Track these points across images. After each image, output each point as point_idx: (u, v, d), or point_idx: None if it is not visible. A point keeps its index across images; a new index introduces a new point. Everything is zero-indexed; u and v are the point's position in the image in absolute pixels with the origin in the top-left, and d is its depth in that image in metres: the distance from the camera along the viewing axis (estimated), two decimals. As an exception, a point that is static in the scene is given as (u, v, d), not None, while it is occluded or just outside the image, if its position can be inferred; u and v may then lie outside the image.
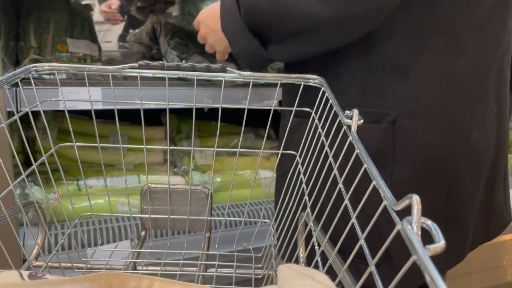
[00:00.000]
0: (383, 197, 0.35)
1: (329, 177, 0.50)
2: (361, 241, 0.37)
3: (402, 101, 0.63)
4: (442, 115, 0.64)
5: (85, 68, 0.63)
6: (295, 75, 0.63)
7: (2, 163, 0.49)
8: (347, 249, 0.44)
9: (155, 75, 0.63)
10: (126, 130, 1.37)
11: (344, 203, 0.43)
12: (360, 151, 0.42)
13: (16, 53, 1.12)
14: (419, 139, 0.64)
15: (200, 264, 0.69)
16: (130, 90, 1.04)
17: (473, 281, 1.65)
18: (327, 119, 0.58)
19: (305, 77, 0.63)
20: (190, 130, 1.46)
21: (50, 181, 1.16)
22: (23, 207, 0.56)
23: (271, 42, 0.68)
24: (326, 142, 0.56)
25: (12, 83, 0.55)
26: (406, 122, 0.63)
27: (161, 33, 1.44)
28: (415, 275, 0.38)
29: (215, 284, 0.63)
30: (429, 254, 0.26)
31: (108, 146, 1.16)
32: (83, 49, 1.13)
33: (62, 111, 1.08)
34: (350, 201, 0.43)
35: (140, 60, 0.62)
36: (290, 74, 0.64)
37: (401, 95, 0.63)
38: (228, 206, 1.12)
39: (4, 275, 0.31)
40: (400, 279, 0.29)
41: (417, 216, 0.28)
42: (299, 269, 0.35)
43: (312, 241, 0.53)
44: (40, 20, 1.16)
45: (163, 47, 1.38)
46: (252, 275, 0.69)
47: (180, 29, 1.42)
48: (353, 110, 0.49)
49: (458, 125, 0.65)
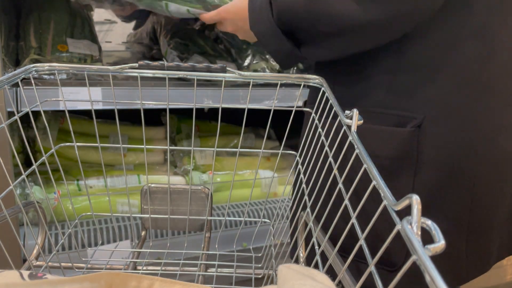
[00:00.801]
0: (383, 197, 0.35)
1: (329, 177, 0.51)
2: (361, 241, 0.37)
3: (429, 104, 0.62)
4: (469, 119, 0.62)
5: (85, 68, 0.63)
6: (295, 75, 0.63)
7: (2, 163, 0.49)
8: (347, 249, 0.44)
9: (155, 75, 0.63)
10: (126, 130, 1.37)
11: (344, 203, 0.43)
12: (360, 151, 0.42)
13: (16, 53, 1.12)
14: (444, 144, 0.62)
15: (200, 264, 0.69)
16: (130, 90, 1.04)
17: (473, 281, 1.65)
18: (328, 119, 0.58)
19: (305, 77, 0.63)
20: (190, 130, 1.46)
21: (50, 181, 1.16)
22: (23, 207, 0.56)
23: (303, 43, 0.66)
24: (326, 142, 0.56)
25: (12, 83, 0.55)
26: (432, 126, 0.62)
27: (161, 33, 1.44)
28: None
29: (215, 284, 0.63)
30: (429, 254, 0.26)
31: (108, 146, 1.16)
32: (83, 49, 1.13)
33: (62, 111, 1.08)
34: (350, 201, 0.43)
35: (140, 60, 0.62)
36: (290, 74, 0.64)
37: (428, 98, 0.62)
38: (228, 206, 1.12)
39: (5, 275, 0.31)
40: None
41: (417, 216, 0.28)
42: (299, 269, 0.35)
43: (312, 241, 0.53)
44: (40, 20, 1.16)
45: (163, 47, 1.38)
46: (252, 275, 0.69)
47: (180, 29, 1.42)
48: (353, 110, 0.49)
49: (485, 130, 0.63)
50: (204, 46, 1.42)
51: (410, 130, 0.61)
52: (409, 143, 0.62)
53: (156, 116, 1.46)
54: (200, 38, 1.49)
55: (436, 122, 0.62)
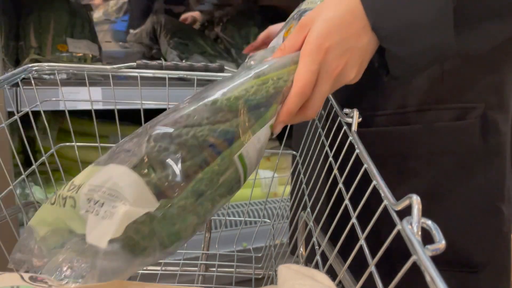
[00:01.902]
0: (383, 197, 0.35)
1: (329, 177, 0.50)
2: (361, 241, 0.37)
3: (487, 93, 0.58)
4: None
5: (85, 68, 0.63)
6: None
7: (2, 163, 0.49)
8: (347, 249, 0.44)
9: (155, 75, 0.63)
10: (126, 130, 1.36)
11: (344, 203, 0.43)
12: (360, 151, 0.42)
13: (16, 53, 1.12)
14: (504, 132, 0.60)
15: (200, 264, 0.69)
16: (130, 90, 1.04)
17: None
18: (328, 119, 0.58)
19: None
20: (190, 130, 1.46)
21: (50, 181, 1.16)
22: (23, 207, 0.56)
23: (463, 28, 0.47)
24: (326, 142, 0.56)
25: (12, 83, 0.55)
26: (491, 115, 0.59)
27: (161, 33, 1.44)
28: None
29: (215, 284, 0.63)
30: (429, 254, 0.26)
31: (108, 146, 1.15)
32: (83, 49, 1.13)
33: (62, 111, 1.08)
34: (350, 201, 0.43)
35: (139, 60, 0.62)
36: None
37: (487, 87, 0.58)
38: (228, 206, 1.12)
39: (5, 277, 0.31)
40: None
41: (417, 216, 0.28)
42: (299, 269, 0.35)
43: (312, 241, 0.53)
44: (40, 20, 1.16)
45: (163, 47, 1.38)
46: (252, 275, 0.69)
47: (180, 29, 1.42)
48: (353, 110, 0.48)
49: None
50: (204, 46, 1.42)
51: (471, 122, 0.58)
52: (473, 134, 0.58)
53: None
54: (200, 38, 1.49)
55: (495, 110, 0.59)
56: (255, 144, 0.42)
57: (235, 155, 0.40)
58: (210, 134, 0.39)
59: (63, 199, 0.36)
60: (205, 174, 0.38)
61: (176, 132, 0.38)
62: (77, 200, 0.35)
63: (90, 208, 0.34)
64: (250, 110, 0.42)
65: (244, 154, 0.41)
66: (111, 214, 0.33)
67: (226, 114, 0.40)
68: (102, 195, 0.34)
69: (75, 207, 0.35)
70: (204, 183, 0.38)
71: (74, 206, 0.35)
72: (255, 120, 0.42)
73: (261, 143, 0.43)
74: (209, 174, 0.38)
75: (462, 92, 0.58)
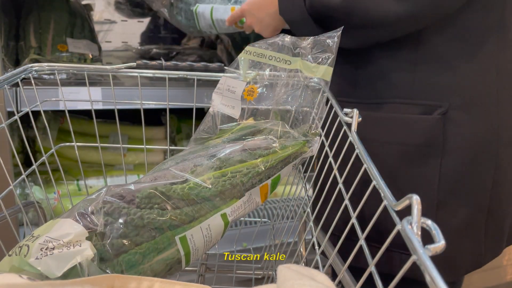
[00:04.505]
0: (383, 197, 0.35)
1: (329, 177, 0.50)
2: (361, 240, 0.37)
3: (452, 93, 0.64)
4: (491, 107, 0.64)
5: (85, 68, 0.63)
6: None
7: (2, 163, 0.49)
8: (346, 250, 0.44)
9: (155, 75, 0.63)
10: (126, 130, 1.37)
11: (344, 203, 0.43)
12: (360, 151, 0.42)
13: (16, 53, 1.12)
14: (468, 131, 0.64)
15: (200, 264, 0.69)
16: (130, 90, 1.04)
17: (473, 281, 1.65)
18: (328, 119, 0.58)
19: (305, 77, 0.63)
20: (190, 130, 1.46)
21: (50, 181, 1.16)
22: (23, 207, 0.56)
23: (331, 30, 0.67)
24: (326, 142, 0.56)
25: (12, 83, 0.55)
26: (457, 114, 0.64)
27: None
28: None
29: (215, 284, 0.63)
30: (429, 254, 0.26)
31: (108, 146, 1.15)
32: (83, 49, 1.13)
33: (62, 111, 1.08)
34: (350, 201, 0.43)
35: (139, 60, 0.62)
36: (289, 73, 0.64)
37: (451, 88, 0.64)
38: (228, 206, 1.11)
39: (4, 277, 0.31)
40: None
41: (417, 216, 0.28)
42: (298, 269, 0.35)
43: (312, 241, 0.53)
44: (40, 20, 1.16)
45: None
46: (252, 275, 0.69)
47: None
48: (353, 110, 0.48)
49: (507, 118, 0.66)
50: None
51: (436, 118, 0.63)
52: (436, 130, 0.63)
53: (156, 116, 1.46)
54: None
55: (460, 110, 0.63)
56: (203, 230, 0.45)
57: (177, 236, 0.43)
58: (156, 220, 0.42)
59: (19, 248, 0.38)
60: (140, 249, 0.41)
61: (125, 211, 0.41)
62: (31, 248, 0.36)
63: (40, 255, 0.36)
64: (202, 201, 0.46)
65: (188, 237, 0.44)
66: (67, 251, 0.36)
67: (178, 202, 0.44)
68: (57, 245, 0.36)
69: (26, 255, 0.36)
70: (137, 257, 0.41)
71: (26, 254, 0.36)
72: (206, 210, 0.46)
73: (211, 230, 0.46)
74: (144, 249, 0.41)
75: (427, 91, 0.65)
